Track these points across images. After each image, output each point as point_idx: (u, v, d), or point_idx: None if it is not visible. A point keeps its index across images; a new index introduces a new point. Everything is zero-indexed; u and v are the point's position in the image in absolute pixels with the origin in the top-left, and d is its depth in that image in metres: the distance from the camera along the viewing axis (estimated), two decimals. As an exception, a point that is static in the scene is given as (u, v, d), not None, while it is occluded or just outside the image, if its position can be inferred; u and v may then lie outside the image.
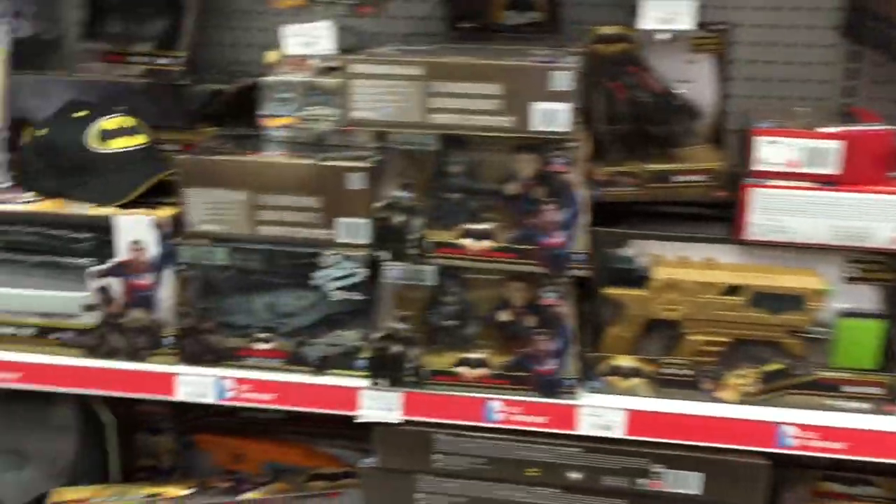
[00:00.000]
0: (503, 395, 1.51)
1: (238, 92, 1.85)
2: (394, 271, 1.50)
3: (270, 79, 1.64)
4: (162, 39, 1.88)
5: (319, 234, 1.54)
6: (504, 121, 1.39)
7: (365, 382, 1.55)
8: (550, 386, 1.49)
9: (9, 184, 1.74)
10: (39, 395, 1.70)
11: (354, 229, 1.53)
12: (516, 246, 1.46)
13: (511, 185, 1.46)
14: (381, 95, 1.41)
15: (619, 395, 1.51)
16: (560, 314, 1.48)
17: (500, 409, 1.50)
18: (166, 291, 1.60)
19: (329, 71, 1.64)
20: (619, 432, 1.48)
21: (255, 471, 1.94)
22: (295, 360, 1.58)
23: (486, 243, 1.46)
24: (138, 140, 1.71)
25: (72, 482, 1.80)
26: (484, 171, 1.48)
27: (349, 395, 1.56)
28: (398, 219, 1.48)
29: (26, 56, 1.85)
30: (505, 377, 1.50)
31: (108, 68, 1.91)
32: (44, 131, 1.70)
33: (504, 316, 1.51)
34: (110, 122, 1.69)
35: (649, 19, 1.39)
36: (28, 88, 1.85)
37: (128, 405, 1.89)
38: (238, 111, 1.87)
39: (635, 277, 1.50)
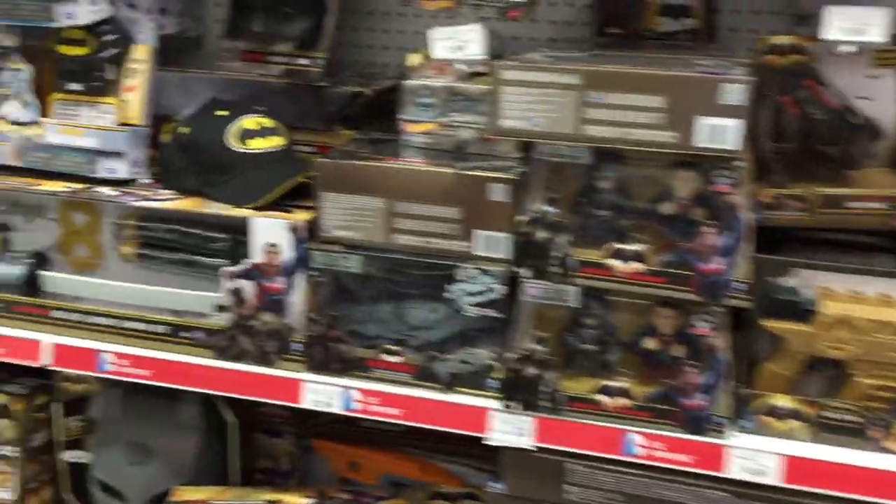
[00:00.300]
0: (645, 428, 1.40)
1: (377, 95, 1.81)
2: (534, 289, 1.43)
3: (412, 82, 1.59)
4: (303, 40, 1.87)
5: (457, 246, 1.48)
6: (665, 135, 1.29)
7: (496, 404, 1.47)
8: (698, 422, 1.38)
9: (149, 180, 1.76)
10: (166, 392, 1.70)
11: (494, 243, 1.46)
12: (669, 270, 1.35)
13: (667, 205, 1.35)
14: (532, 104, 1.34)
15: (774, 438, 1.38)
16: (713, 345, 1.37)
17: (640, 442, 1.40)
18: (298, 296, 1.57)
19: (473, 76, 1.57)
20: (772, 479, 1.36)
21: (370, 481, 1.90)
22: (424, 376, 1.52)
23: (635, 265, 1.37)
24: (276, 141, 1.69)
25: (193, 480, 1.80)
26: (637, 188, 1.38)
27: (479, 416, 1.48)
28: (542, 234, 1.40)
29: (170, 53, 1.86)
30: (648, 409, 1.40)
31: (247, 67, 1.91)
32: (186, 129, 1.70)
33: (650, 343, 1.41)
34: (250, 122, 1.68)
35: (834, 29, 1.26)
36: (171, 85, 1.86)
37: (249, 406, 1.88)
38: (376, 114, 1.83)
39: (799, 311, 1.37)
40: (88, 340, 1.69)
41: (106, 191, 1.68)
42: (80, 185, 1.70)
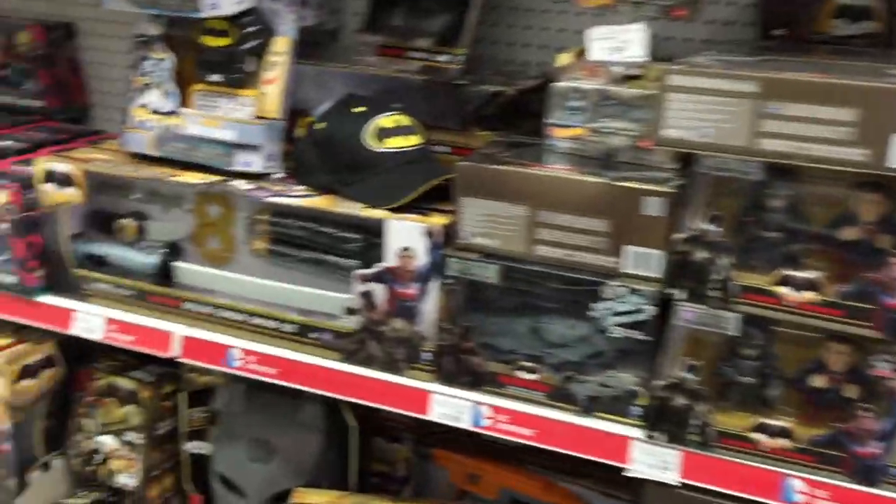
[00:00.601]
0: (807, 473, 1.27)
1: (518, 95, 1.73)
2: (688, 313, 1.31)
3: (562, 84, 1.50)
4: (443, 35, 1.80)
5: (604, 261, 1.38)
6: (853, 153, 1.15)
7: (638, 433, 1.37)
8: (870, 472, 1.24)
9: (282, 174, 1.73)
10: (289, 390, 1.67)
11: (645, 260, 1.35)
12: (847, 302, 1.22)
13: (848, 230, 1.22)
14: (700, 113, 1.22)
15: (957, 497, 1.23)
16: (893, 389, 1.22)
17: (801, 489, 1.27)
18: (430, 304, 1.50)
19: (626, 79, 1.47)
20: (952, 543, 1.21)
21: (490, 495, 1.83)
22: (560, 396, 1.44)
23: (807, 295, 1.24)
24: (413, 140, 1.63)
25: (313, 482, 1.77)
26: (813, 209, 1.25)
27: (618, 445, 1.39)
28: (701, 254, 1.29)
29: (307, 46, 1.83)
30: (812, 453, 1.27)
31: (385, 62, 1.86)
32: (322, 125, 1.66)
33: (818, 381, 1.28)
34: (387, 120, 1.62)
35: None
36: (307, 79, 1.83)
37: (369, 409, 1.83)
38: (515, 115, 1.75)
39: None
40: (218, 334, 1.68)
41: (241, 184, 1.66)
42: (216, 178, 1.69)
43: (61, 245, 1.78)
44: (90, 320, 1.76)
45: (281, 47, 1.71)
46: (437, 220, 1.49)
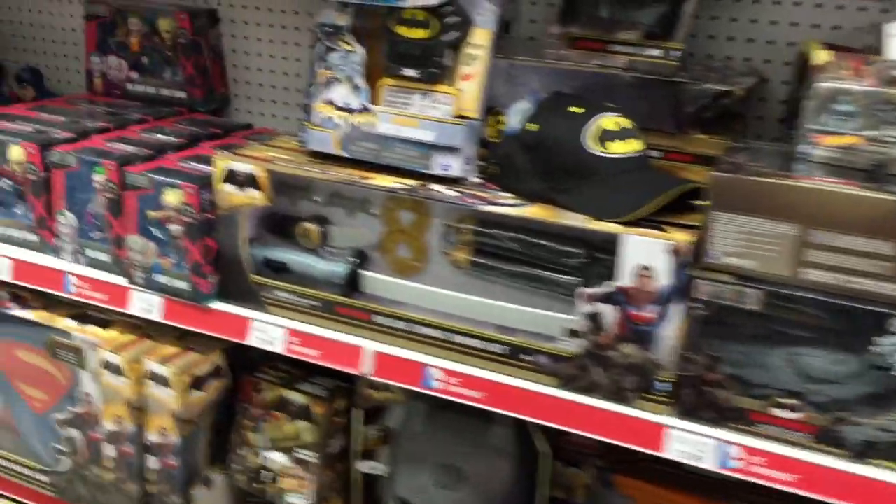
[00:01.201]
0: None
1: (746, 96, 1.56)
2: None
3: (827, 85, 1.32)
4: (654, 28, 1.63)
5: (891, 290, 1.22)
6: None
7: (926, 485, 1.22)
8: None
9: (479, 179, 1.59)
10: (475, 411, 1.54)
11: (944, 290, 1.19)
12: None
13: None
14: None
15: None
16: None
17: None
18: (670, 329, 1.35)
19: (899, 81, 1.30)
20: None
21: (685, 529, 1.68)
22: (826, 439, 1.28)
23: None
24: (636, 145, 1.47)
25: (504, 511, 1.64)
26: None
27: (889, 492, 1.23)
28: None
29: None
30: None
31: (582, 57, 1.70)
32: (534, 126, 1.51)
33: None
34: (609, 121, 1.46)
35: None
36: (496, 74, 1.68)
37: (552, 433, 1.70)
38: (732, 118, 1.59)
39: None
40: (412, 352, 1.55)
41: (443, 189, 1.53)
42: (413, 182, 1.55)
43: (240, 250, 1.66)
44: (269, 331, 1.64)
45: (480, 40, 1.57)
46: (682, 237, 1.33)
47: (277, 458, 1.80)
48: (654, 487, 1.75)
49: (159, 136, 1.99)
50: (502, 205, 1.47)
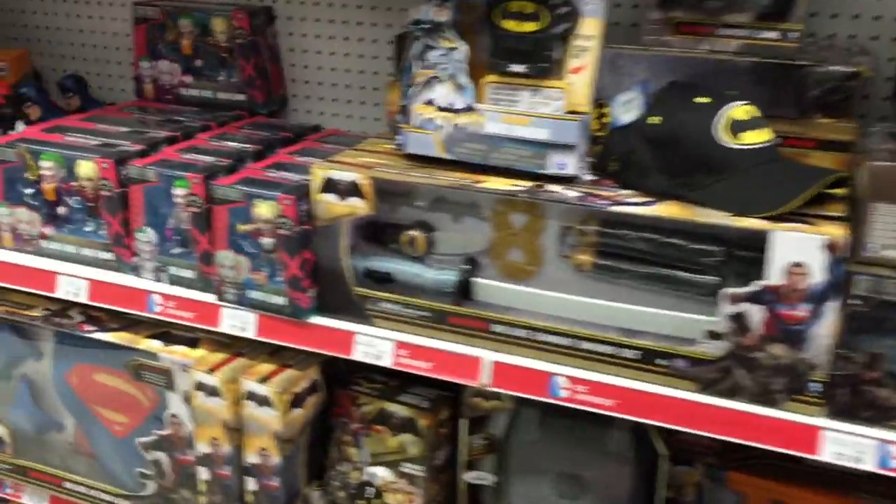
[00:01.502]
0: None
1: (874, 75, 1.50)
2: None
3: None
4: (768, 8, 1.56)
5: None
6: None
7: None
8: None
9: (591, 177, 1.52)
10: (596, 418, 1.48)
11: None
12: None
13: None
14: None
15: None
16: None
17: None
18: (824, 327, 1.29)
19: None
20: None
21: (804, 527, 1.63)
22: None
23: None
24: (766, 135, 1.41)
25: (628, 518, 1.58)
26: None
27: None
28: None
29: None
30: None
31: (688, 42, 1.63)
32: (657, 119, 1.44)
33: None
34: (740, 111, 1.40)
35: None
36: (603, 64, 1.61)
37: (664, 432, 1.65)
38: (851, 99, 1.53)
39: None
40: (535, 360, 1.49)
41: (562, 190, 1.46)
42: (528, 183, 1.48)
43: (341, 262, 1.58)
44: (377, 344, 1.57)
45: (591, 30, 1.50)
46: (835, 231, 1.27)
47: (381, 473, 1.73)
48: (767, 482, 1.70)
49: (230, 143, 1.90)
50: (631, 204, 1.40)
